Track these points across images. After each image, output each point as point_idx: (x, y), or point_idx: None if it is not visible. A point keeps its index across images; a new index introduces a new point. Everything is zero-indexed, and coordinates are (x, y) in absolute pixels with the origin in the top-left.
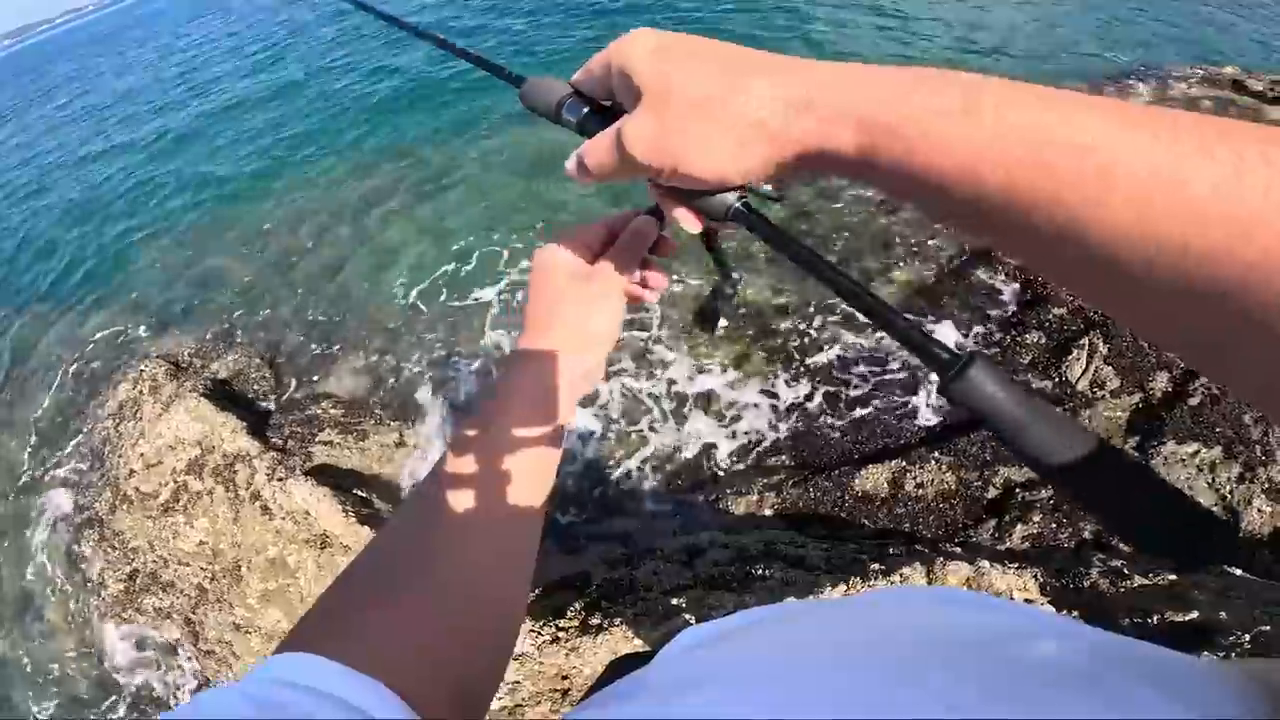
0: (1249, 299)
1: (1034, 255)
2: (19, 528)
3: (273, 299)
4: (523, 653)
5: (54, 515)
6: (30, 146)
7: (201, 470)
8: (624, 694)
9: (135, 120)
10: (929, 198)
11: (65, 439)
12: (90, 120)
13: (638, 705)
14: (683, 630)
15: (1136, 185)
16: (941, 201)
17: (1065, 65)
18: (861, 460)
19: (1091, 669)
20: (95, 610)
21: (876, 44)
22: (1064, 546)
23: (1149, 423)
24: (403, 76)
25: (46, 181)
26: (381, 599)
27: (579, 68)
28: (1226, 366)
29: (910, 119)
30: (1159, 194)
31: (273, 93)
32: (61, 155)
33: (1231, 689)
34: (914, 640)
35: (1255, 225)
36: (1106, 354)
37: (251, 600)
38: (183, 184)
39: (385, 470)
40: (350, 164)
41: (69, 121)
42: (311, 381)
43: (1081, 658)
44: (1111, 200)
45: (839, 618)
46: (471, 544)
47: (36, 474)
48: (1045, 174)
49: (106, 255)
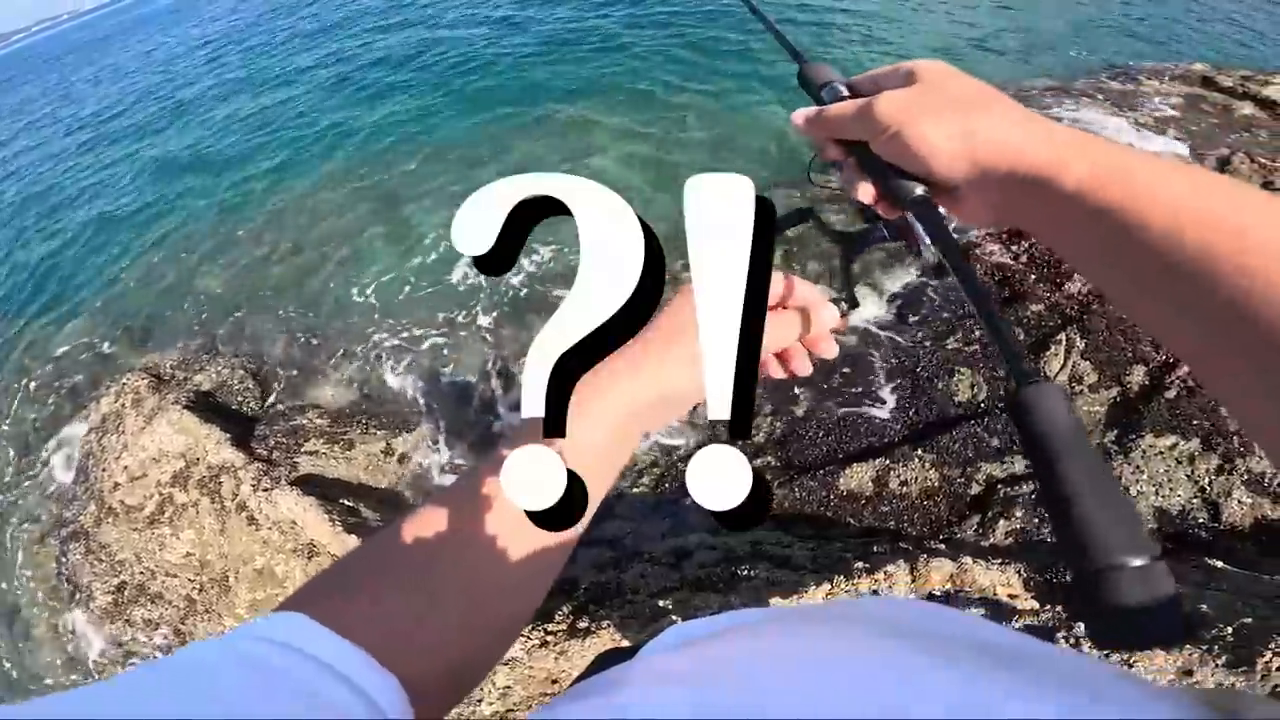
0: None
1: (1201, 320)
2: (1, 542)
3: (254, 308)
4: (513, 657)
5: (38, 528)
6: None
7: (186, 482)
8: (587, 691)
9: (113, 128)
10: (1124, 245)
11: (47, 453)
12: (69, 124)
13: (593, 702)
14: (668, 628)
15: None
16: (1133, 249)
17: (1042, 63)
18: (846, 459)
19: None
20: (83, 622)
21: (856, 47)
22: (1047, 542)
23: (1127, 416)
24: (382, 77)
25: (20, 191)
26: (381, 576)
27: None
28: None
29: (1137, 166)
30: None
31: (252, 97)
32: (38, 162)
33: (1178, 709)
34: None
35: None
36: (1083, 349)
37: (240, 610)
38: (158, 194)
39: (372, 479)
40: (328, 171)
41: (50, 124)
42: (297, 391)
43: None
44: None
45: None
46: (508, 542)
47: (19, 487)
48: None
49: (84, 266)
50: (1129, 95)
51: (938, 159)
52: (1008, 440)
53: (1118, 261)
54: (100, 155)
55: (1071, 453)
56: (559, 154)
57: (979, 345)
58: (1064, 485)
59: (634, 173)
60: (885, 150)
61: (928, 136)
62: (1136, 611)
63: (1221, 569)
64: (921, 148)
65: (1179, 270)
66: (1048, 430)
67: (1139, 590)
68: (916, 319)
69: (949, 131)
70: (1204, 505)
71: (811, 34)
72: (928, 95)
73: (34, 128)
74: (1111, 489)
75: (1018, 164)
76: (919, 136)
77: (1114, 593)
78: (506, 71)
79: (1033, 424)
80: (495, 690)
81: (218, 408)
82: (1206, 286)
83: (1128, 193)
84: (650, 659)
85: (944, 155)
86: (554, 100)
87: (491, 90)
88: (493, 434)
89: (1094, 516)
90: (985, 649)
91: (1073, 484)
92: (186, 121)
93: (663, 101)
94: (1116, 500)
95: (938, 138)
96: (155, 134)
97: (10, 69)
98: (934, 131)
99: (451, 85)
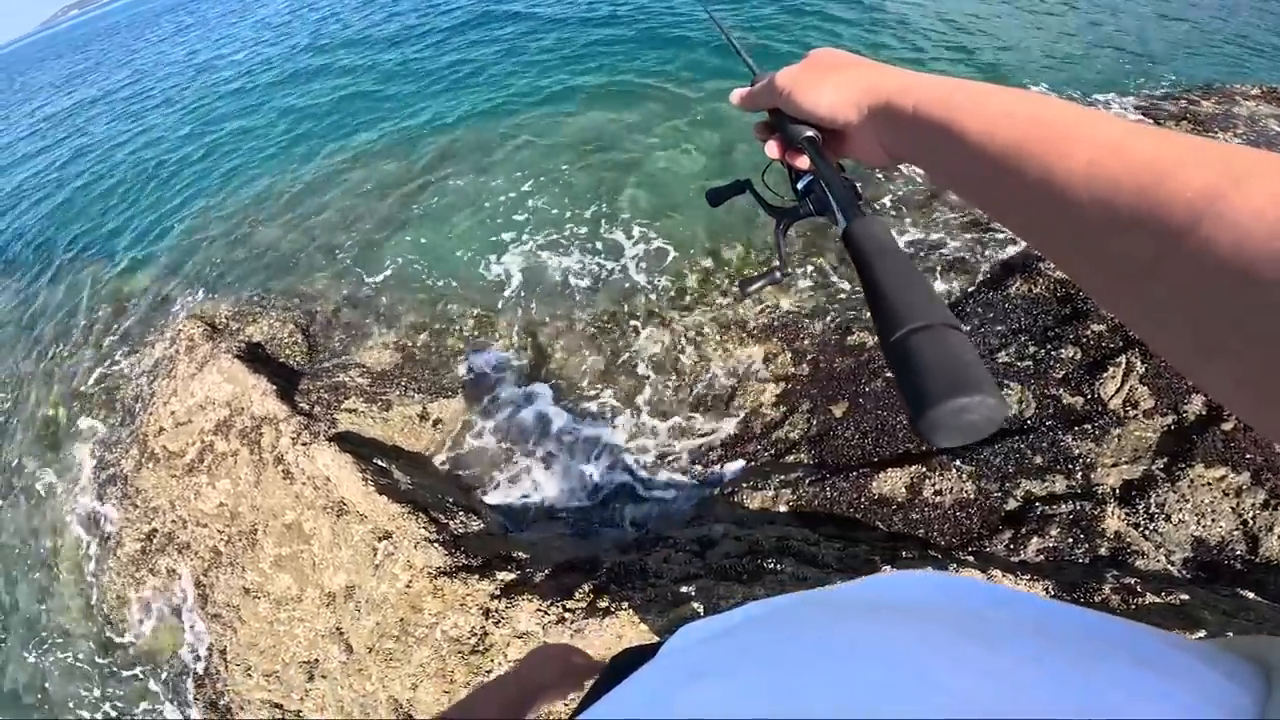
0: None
1: (1008, 200)
2: (45, 479)
3: (311, 266)
4: (527, 631)
5: (80, 470)
6: (80, 111)
7: (229, 431)
8: (627, 694)
9: (186, 88)
10: (954, 152)
11: (100, 393)
12: (142, 84)
13: (640, 703)
14: (686, 624)
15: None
16: (957, 153)
17: (1137, 77)
18: (881, 463)
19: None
20: (108, 569)
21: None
22: (1078, 561)
23: (1179, 445)
24: (460, 52)
25: (97, 144)
26: None
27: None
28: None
29: (956, 88)
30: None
31: (328, 59)
32: (114, 118)
33: (1222, 668)
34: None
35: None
36: (1143, 373)
37: (264, 565)
38: (230, 149)
39: (406, 442)
40: (402, 140)
41: (125, 85)
42: (343, 349)
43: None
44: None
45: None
46: None
47: (68, 428)
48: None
49: (154, 216)
50: (1221, 118)
51: (821, 106)
52: (1052, 458)
53: (950, 167)
54: (180, 113)
55: (883, 254)
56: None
57: (1032, 361)
58: (874, 277)
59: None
60: (787, 107)
61: (810, 91)
62: (936, 370)
63: (1252, 600)
64: (807, 99)
65: (997, 167)
66: (867, 245)
67: (931, 347)
68: (969, 329)
69: (829, 84)
70: (1244, 537)
71: (912, 45)
72: (812, 64)
73: (118, 81)
74: (916, 282)
75: (877, 97)
76: (805, 92)
77: (912, 353)
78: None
79: (857, 244)
80: (506, 661)
81: (266, 359)
82: (1016, 177)
83: (948, 108)
84: (691, 654)
85: (825, 102)
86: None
87: (577, 78)
88: (521, 416)
89: (894, 297)
90: (1040, 631)
91: (880, 276)
92: (274, 81)
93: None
94: (917, 285)
95: (821, 91)
96: (233, 95)
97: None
98: (816, 87)
99: (545, 72)
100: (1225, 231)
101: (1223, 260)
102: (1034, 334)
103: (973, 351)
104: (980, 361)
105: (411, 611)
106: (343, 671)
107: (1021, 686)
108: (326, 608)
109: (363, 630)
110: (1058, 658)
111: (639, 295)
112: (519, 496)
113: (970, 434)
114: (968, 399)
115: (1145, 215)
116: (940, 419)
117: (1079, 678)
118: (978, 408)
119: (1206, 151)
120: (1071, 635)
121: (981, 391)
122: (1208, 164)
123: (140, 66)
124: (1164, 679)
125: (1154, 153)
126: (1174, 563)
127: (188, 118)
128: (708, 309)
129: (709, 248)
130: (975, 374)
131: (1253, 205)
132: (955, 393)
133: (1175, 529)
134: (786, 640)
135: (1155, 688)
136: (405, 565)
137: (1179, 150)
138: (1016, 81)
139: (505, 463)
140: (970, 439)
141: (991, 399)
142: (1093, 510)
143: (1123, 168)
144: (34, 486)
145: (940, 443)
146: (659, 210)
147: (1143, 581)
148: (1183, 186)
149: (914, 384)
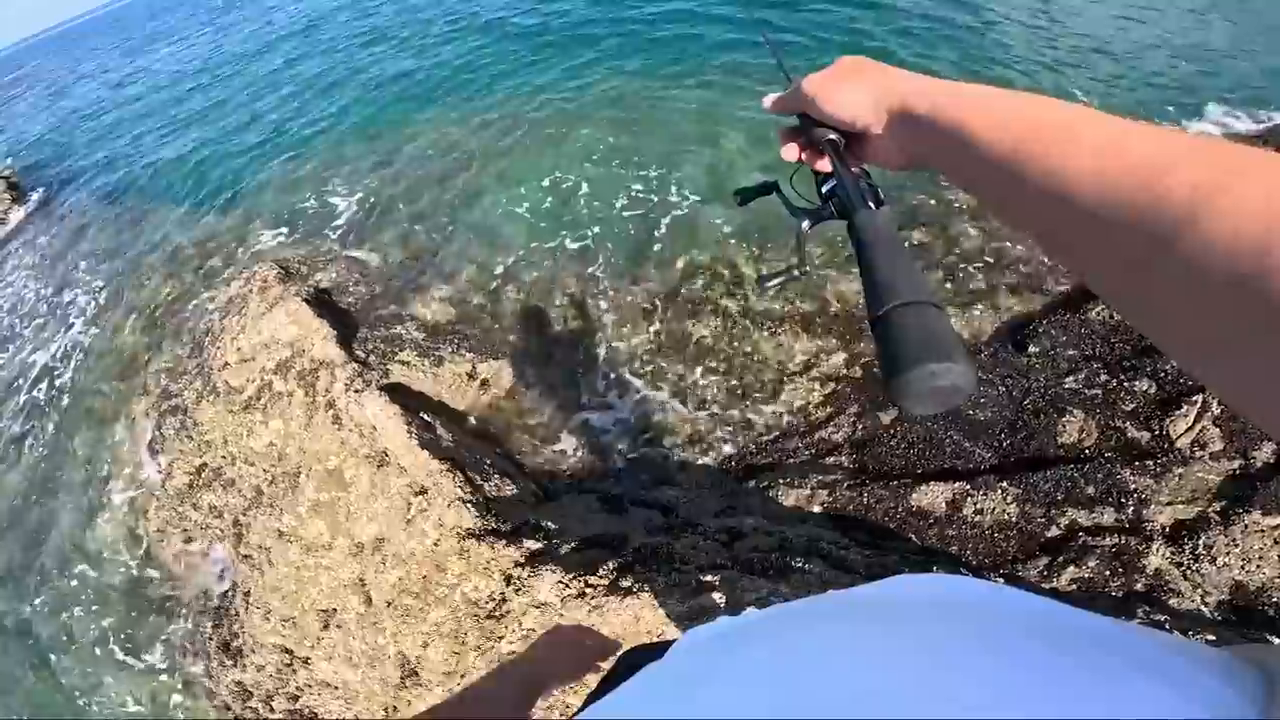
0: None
1: (1016, 200)
2: (114, 404)
3: (382, 221)
4: (545, 602)
5: (145, 400)
6: (176, 63)
7: (288, 372)
8: (634, 692)
9: (274, 46)
10: (963, 150)
11: (174, 325)
12: (240, 37)
13: (647, 702)
14: (695, 627)
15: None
16: (968, 154)
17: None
18: (923, 476)
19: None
20: (155, 500)
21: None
22: (1112, 595)
23: (1240, 490)
24: (548, 22)
25: (190, 93)
26: None
27: None
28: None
29: (969, 91)
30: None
31: (430, 18)
32: (205, 70)
33: (1223, 674)
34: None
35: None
36: (1217, 414)
37: (301, 510)
38: (320, 103)
39: (452, 399)
40: (491, 103)
41: (222, 37)
42: (403, 301)
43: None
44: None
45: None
46: None
47: (142, 356)
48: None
49: (242, 162)
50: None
51: (843, 109)
52: (1105, 490)
53: (963, 168)
54: (260, 64)
55: (878, 242)
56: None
57: (1101, 390)
58: (868, 261)
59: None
60: (812, 111)
61: (833, 95)
62: (911, 340)
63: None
64: (830, 103)
65: (1005, 167)
66: (866, 235)
67: (910, 319)
68: (1038, 350)
69: (850, 89)
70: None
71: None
72: (836, 70)
73: (218, 37)
74: (904, 266)
75: (894, 100)
76: (828, 96)
77: (892, 325)
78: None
79: (858, 233)
80: (520, 630)
81: (331, 306)
82: (1022, 176)
83: (960, 110)
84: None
85: (847, 105)
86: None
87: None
88: (566, 387)
89: (883, 278)
90: (1049, 633)
91: (873, 260)
92: (364, 46)
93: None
94: (904, 268)
95: (842, 95)
96: (324, 54)
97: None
98: (838, 91)
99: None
100: (1220, 227)
101: (1218, 255)
102: (1108, 362)
103: (947, 324)
104: (953, 333)
105: (436, 570)
106: (358, 623)
107: (1023, 691)
108: (354, 558)
109: (385, 584)
110: (1061, 663)
111: (696, 279)
112: (555, 465)
113: (941, 400)
114: (937, 365)
115: (1143, 212)
116: (910, 383)
117: (1080, 683)
118: (945, 374)
119: (1203, 149)
120: (1074, 639)
121: (950, 359)
122: (1204, 162)
123: (252, 30)
124: (1163, 684)
125: (1152, 151)
126: (1208, 604)
127: (269, 73)
128: (763, 300)
129: (771, 238)
130: (946, 343)
131: (1248, 201)
132: (926, 359)
133: (1218, 572)
134: (796, 643)
135: (1154, 692)
136: (436, 523)
137: (1176, 148)
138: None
139: (545, 431)
140: (941, 407)
141: (959, 365)
142: (1137, 546)
143: (1123, 166)
144: (102, 410)
145: (912, 408)
146: (725, 195)
147: (1173, 619)
148: (1179, 184)
149: (890, 351)
